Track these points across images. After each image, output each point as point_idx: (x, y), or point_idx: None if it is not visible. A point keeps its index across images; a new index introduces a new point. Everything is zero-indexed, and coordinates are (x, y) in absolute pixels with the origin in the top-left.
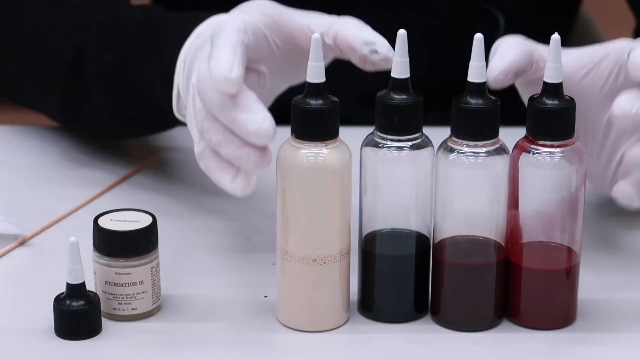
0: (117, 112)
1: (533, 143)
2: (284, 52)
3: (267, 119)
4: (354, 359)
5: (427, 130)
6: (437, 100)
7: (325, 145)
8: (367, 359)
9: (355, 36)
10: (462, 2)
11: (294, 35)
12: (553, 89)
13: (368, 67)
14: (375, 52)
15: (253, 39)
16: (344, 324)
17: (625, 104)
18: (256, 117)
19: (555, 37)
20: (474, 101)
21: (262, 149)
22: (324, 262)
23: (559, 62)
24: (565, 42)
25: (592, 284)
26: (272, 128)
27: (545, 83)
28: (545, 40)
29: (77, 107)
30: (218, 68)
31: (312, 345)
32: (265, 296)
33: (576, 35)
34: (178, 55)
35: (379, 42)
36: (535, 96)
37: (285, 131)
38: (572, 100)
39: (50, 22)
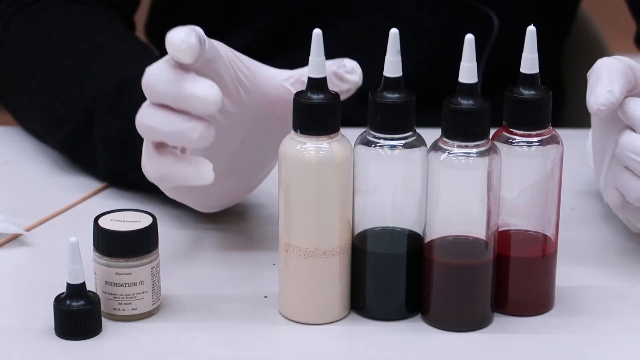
0: (117, 173)
1: (510, 133)
2: (252, 96)
3: (214, 86)
4: (342, 356)
5: (419, 130)
6: (428, 99)
7: (329, 139)
8: (353, 356)
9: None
10: (456, 1)
11: (262, 82)
12: (529, 80)
13: (339, 86)
14: (343, 65)
15: (216, 53)
16: (345, 317)
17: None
18: (204, 84)
19: (531, 28)
20: (465, 102)
21: (207, 122)
22: (327, 255)
23: (534, 53)
24: (563, 44)
25: (568, 270)
26: (220, 95)
27: (521, 74)
28: (541, 41)
29: (77, 156)
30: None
31: (304, 341)
32: (265, 296)
33: (577, 36)
34: None
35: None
36: (512, 87)
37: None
38: (547, 90)
39: (66, 70)
